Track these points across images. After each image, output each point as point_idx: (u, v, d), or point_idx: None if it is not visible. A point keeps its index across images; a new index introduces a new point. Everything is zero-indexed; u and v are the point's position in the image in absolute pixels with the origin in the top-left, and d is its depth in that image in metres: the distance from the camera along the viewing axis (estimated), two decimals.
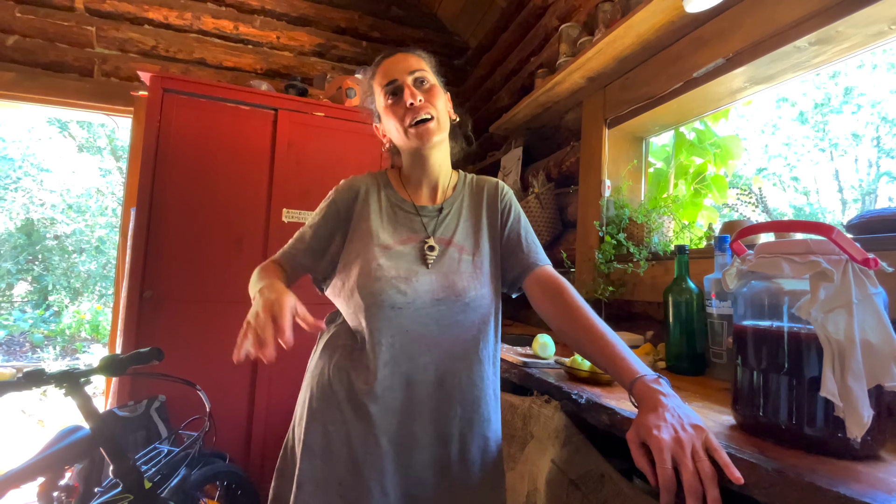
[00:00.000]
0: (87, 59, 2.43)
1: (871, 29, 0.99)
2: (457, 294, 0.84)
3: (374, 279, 0.82)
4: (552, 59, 2.09)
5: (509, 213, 0.96)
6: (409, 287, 0.82)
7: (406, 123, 0.86)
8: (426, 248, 0.87)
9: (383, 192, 0.94)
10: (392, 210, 0.92)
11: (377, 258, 0.84)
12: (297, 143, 2.07)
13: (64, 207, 7.67)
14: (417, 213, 0.92)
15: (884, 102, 3.73)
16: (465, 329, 0.85)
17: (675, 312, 1.08)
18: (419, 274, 0.84)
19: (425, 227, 0.91)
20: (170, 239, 1.86)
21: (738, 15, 1.21)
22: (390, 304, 0.81)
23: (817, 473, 0.50)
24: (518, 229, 0.95)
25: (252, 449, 1.90)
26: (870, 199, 4.02)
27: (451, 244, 0.90)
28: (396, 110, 0.86)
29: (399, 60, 0.89)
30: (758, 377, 0.62)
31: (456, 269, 0.87)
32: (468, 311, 0.85)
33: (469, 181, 1.00)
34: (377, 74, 0.90)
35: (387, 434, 0.80)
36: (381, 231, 0.88)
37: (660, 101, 1.46)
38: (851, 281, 0.56)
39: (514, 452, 1.12)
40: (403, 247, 0.87)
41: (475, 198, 0.97)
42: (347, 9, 2.99)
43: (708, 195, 1.55)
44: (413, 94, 0.85)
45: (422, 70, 0.89)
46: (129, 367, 1.16)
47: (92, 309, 7.10)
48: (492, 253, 0.93)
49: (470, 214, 0.95)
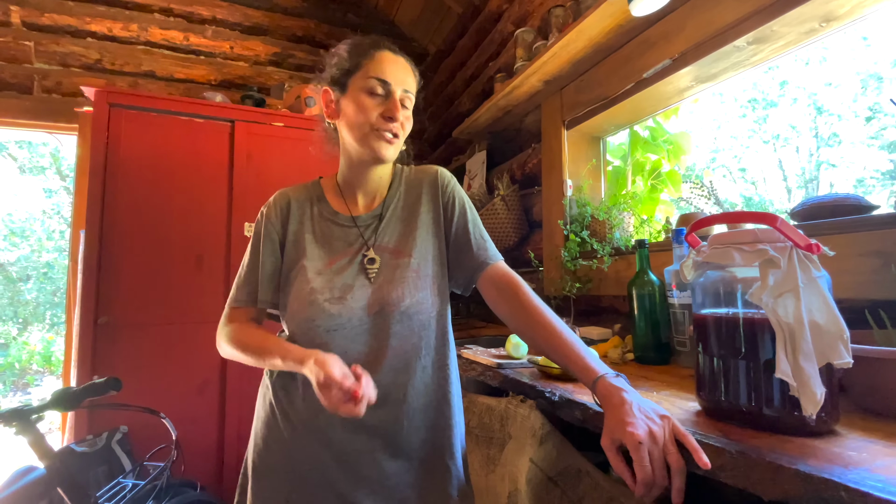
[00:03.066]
0: (26, 76, 2.30)
1: (804, 27, 1.06)
2: (391, 304, 0.80)
3: (307, 304, 0.79)
4: (510, 64, 2.13)
5: (453, 206, 0.90)
6: (342, 307, 0.79)
7: (374, 124, 0.80)
8: (366, 262, 0.83)
9: (316, 206, 0.89)
10: (326, 225, 0.87)
11: (310, 281, 0.80)
12: (257, 155, 2.02)
13: (6, 233, 7.19)
14: (354, 224, 0.87)
15: (819, 94, 3.99)
16: (403, 339, 0.81)
17: (640, 305, 1.11)
18: (354, 290, 0.81)
19: (363, 236, 0.86)
20: (124, 261, 1.77)
21: (680, 18, 1.27)
22: (325, 327, 0.78)
23: (777, 452, 0.52)
24: (465, 224, 0.89)
25: (225, 474, 1.83)
26: (812, 186, 4.28)
27: (391, 251, 0.85)
28: (374, 107, 0.80)
29: (401, 68, 0.83)
30: (718, 363, 0.65)
31: (392, 277, 0.82)
32: (405, 319, 0.81)
33: (405, 176, 0.94)
34: (374, 59, 0.82)
35: (331, 450, 0.78)
36: (314, 251, 0.84)
37: (614, 101, 1.51)
38: (797, 266, 0.59)
39: (493, 454, 1.13)
40: (339, 264, 0.83)
41: (413, 193, 0.91)
42: (302, 17, 2.95)
43: (664, 190, 1.61)
44: (398, 111, 0.81)
45: (412, 92, 0.85)
46: (84, 400, 1.10)
47: (43, 339, 6.67)
48: (435, 252, 0.87)
49: (407, 213, 0.89)
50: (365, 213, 0.88)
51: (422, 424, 0.82)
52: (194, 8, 2.66)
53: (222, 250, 1.92)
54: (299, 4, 2.94)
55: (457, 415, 0.88)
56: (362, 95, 0.80)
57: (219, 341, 0.87)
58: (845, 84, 3.59)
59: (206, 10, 2.69)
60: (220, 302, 1.88)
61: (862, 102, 3.00)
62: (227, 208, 1.95)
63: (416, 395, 0.82)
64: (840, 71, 3.36)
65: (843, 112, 3.74)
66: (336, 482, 0.78)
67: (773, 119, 4.15)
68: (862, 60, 3.23)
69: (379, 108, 0.80)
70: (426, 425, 0.82)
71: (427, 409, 0.83)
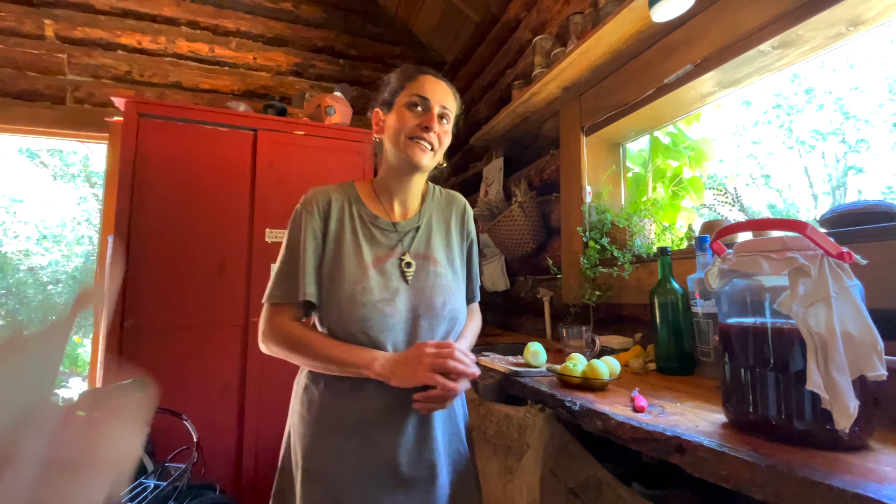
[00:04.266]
0: (59, 87, 2.39)
1: (830, 31, 1.03)
2: (435, 309, 0.88)
3: (359, 304, 0.83)
4: (527, 71, 2.13)
5: (472, 241, 1.03)
6: (392, 308, 0.85)
7: (411, 133, 0.87)
8: (403, 265, 0.89)
9: (354, 207, 0.93)
10: (367, 228, 0.92)
11: (360, 281, 0.84)
12: (278, 163, 2.06)
13: (38, 237, 7.46)
14: (395, 229, 0.93)
15: (845, 99, 3.88)
16: (448, 338, 0.90)
17: (662, 314, 1.09)
18: (399, 292, 0.87)
19: (402, 242, 0.92)
20: (150, 265, 1.82)
21: (703, 22, 1.25)
22: (378, 327, 0.83)
23: (809, 467, 0.50)
24: (473, 259, 1.03)
25: (243, 477, 1.84)
26: (840, 192, 4.15)
27: (426, 258, 0.92)
28: (413, 119, 0.88)
29: (441, 89, 0.91)
30: (745, 374, 0.63)
31: (432, 283, 0.90)
32: (445, 323, 0.89)
33: (437, 194, 1.03)
34: (416, 81, 0.90)
35: (381, 450, 0.83)
36: (358, 251, 0.88)
37: (634, 107, 1.49)
38: (828, 275, 0.57)
39: (511, 464, 1.11)
40: (382, 265, 0.88)
41: (445, 212, 1.01)
42: (323, 28, 3.01)
43: (685, 196, 1.58)
44: (435, 123, 0.88)
45: (450, 111, 0.92)
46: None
47: (70, 341, 6.87)
48: (461, 268, 0.99)
49: (441, 228, 0.98)
50: (403, 221, 0.95)
51: (445, 418, 0.91)
52: (219, 21, 2.74)
53: (244, 256, 1.96)
54: (320, 16, 3.01)
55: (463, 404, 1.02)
56: (404, 109, 0.89)
57: (265, 340, 0.88)
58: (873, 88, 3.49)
59: (231, 23, 2.77)
60: (241, 307, 1.92)
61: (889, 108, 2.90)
62: (249, 215, 1.99)
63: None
64: (867, 75, 3.27)
65: (870, 117, 3.63)
66: (381, 484, 0.82)
67: (797, 125, 4.04)
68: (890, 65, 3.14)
69: (417, 120, 0.88)
70: (450, 419, 0.93)
71: (453, 407, 0.94)
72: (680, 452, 0.60)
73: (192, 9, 2.68)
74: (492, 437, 1.15)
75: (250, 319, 1.90)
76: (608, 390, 0.94)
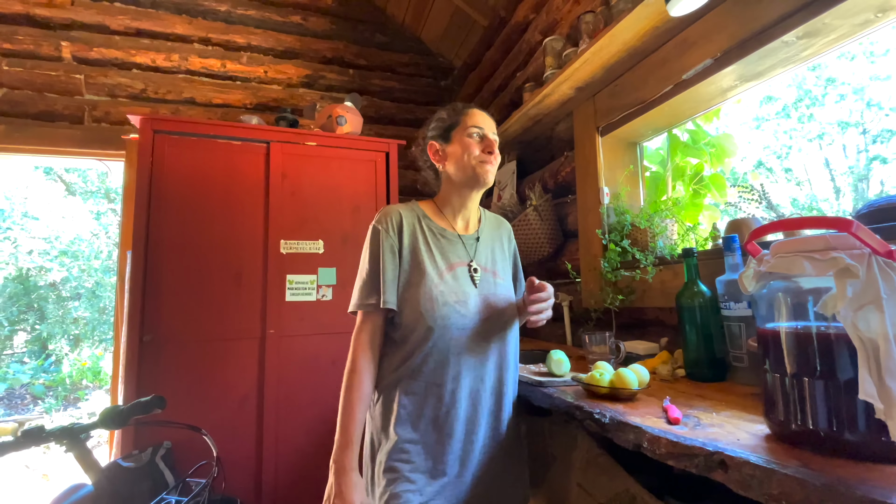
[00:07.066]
0: (77, 107, 2.44)
1: (858, 18, 0.99)
2: (499, 313, 1.01)
3: (439, 305, 0.94)
4: (538, 73, 2.11)
5: (516, 258, 1.18)
6: (466, 309, 0.97)
7: (479, 157, 1.02)
8: (472, 271, 1.02)
9: (423, 222, 1.05)
10: (437, 238, 1.04)
11: (437, 285, 0.97)
12: (291, 174, 2.06)
13: (56, 253, 7.62)
14: (461, 240, 1.06)
15: (866, 89, 3.77)
16: (506, 342, 1.02)
17: (689, 317, 1.05)
18: (470, 296, 0.99)
19: (468, 251, 1.05)
20: (167, 279, 1.83)
21: (721, 15, 1.21)
22: (456, 326, 0.95)
23: (867, 484, 0.47)
24: (519, 274, 1.16)
25: (264, 491, 1.83)
26: (863, 184, 4.02)
27: (487, 269, 1.05)
28: (477, 145, 1.03)
29: (489, 121, 1.07)
30: (790, 382, 0.60)
31: (494, 291, 1.03)
32: (507, 326, 1.02)
33: (488, 215, 1.17)
34: (470, 114, 1.06)
35: (457, 440, 0.94)
36: (433, 260, 1.00)
37: (650, 105, 1.46)
38: (878, 275, 0.53)
39: (537, 470, 1.08)
40: (455, 271, 1.01)
41: (497, 231, 1.15)
42: (332, 39, 3.03)
43: (707, 195, 1.54)
44: (495, 146, 1.04)
45: (497, 137, 1.07)
46: (130, 418, 1.12)
47: (92, 355, 6.99)
48: (511, 279, 1.13)
49: (496, 245, 1.12)
50: (466, 234, 1.08)
51: (508, 409, 1.02)
52: (230, 36, 2.78)
53: (260, 267, 1.96)
54: (328, 27, 3.03)
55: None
56: (466, 139, 1.03)
57: (351, 350, 0.98)
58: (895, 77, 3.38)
59: (242, 38, 2.80)
60: (258, 319, 1.92)
61: None
62: (264, 226, 1.99)
63: (514, 389, 1.05)
64: (890, 64, 3.17)
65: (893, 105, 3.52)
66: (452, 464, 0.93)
67: (819, 117, 3.94)
68: None
69: (480, 146, 1.03)
70: (510, 411, 1.03)
71: (513, 401, 1.05)
72: (723, 469, 0.57)
73: (203, 26, 2.72)
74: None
75: (267, 331, 1.90)
76: (637, 399, 0.90)
